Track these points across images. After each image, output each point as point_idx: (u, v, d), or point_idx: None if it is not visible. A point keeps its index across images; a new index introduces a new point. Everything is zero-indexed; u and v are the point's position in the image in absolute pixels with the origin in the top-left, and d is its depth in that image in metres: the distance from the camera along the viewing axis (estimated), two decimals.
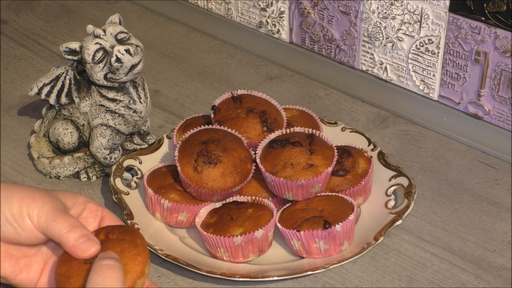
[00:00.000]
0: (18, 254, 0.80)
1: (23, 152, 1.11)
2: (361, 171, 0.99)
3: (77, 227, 0.75)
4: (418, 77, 1.14)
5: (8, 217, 0.77)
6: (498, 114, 1.08)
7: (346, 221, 0.90)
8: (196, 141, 0.96)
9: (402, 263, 0.93)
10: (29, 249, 0.81)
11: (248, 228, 0.91)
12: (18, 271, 0.79)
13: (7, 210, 0.76)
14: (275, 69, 1.27)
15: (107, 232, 0.75)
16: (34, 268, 0.80)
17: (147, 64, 1.03)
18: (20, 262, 0.79)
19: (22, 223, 0.76)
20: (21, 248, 0.80)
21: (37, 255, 0.81)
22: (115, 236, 0.75)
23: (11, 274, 0.79)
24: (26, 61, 1.30)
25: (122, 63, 0.98)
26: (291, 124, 1.03)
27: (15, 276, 0.79)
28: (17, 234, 0.77)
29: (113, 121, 1.02)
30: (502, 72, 1.05)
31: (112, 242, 0.74)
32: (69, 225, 0.75)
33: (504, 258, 0.94)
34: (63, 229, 0.74)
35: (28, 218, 0.76)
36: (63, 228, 0.74)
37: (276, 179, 0.93)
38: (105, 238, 0.75)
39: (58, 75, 1.03)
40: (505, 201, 1.02)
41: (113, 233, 0.75)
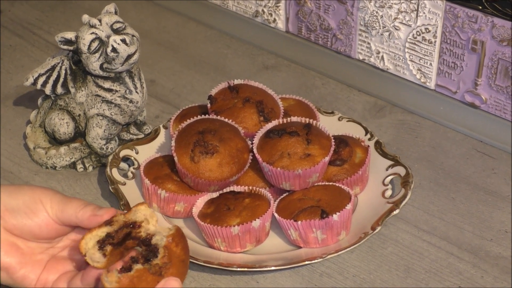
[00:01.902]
0: (25, 249, 0.81)
1: (19, 143, 1.10)
2: (358, 161, 0.98)
3: (89, 204, 0.80)
4: (415, 66, 1.13)
5: (20, 206, 0.79)
6: (495, 103, 1.07)
7: (343, 211, 0.90)
8: (193, 131, 0.96)
9: (399, 252, 0.93)
10: (36, 246, 0.81)
11: (245, 218, 0.91)
12: (23, 263, 0.80)
13: (20, 199, 0.79)
14: (271, 59, 1.27)
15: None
16: (38, 266, 0.81)
17: (143, 54, 1.03)
18: (26, 257, 0.80)
19: (35, 208, 0.79)
20: (28, 243, 0.81)
21: (43, 254, 0.82)
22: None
23: (17, 265, 0.80)
24: (21, 51, 1.29)
25: (118, 53, 0.98)
26: (288, 114, 1.02)
27: (19, 268, 0.80)
28: (29, 222, 0.79)
29: (109, 111, 1.02)
30: (499, 61, 1.04)
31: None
32: (82, 204, 0.80)
33: (501, 247, 0.94)
34: (78, 208, 0.79)
35: (41, 204, 0.79)
36: (78, 206, 0.79)
37: (273, 169, 0.93)
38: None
39: (53, 65, 1.03)
40: (502, 190, 1.02)
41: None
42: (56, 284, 0.81)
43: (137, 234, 0.78)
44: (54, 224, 0.80)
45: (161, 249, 0.76)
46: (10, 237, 0.80)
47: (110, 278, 0.74)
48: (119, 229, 0.77)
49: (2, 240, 0.80)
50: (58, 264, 0.82)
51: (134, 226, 0.77)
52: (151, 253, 0.76)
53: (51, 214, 0.79)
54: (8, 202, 0.80)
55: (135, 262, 0.76)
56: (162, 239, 0.76)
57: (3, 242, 0.80)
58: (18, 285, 0.82)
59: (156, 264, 0.75)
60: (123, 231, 0.77)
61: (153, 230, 0.77)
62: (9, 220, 0.80)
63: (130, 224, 0.78)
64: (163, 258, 0.75)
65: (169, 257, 0.76)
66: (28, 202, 0.79)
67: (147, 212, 0.78)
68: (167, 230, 0.77)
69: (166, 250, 0.76)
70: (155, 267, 0.75)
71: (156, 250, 0.76)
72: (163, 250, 0.76)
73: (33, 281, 0.81)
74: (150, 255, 0.76)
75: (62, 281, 0.81)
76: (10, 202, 0.79)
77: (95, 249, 0.76)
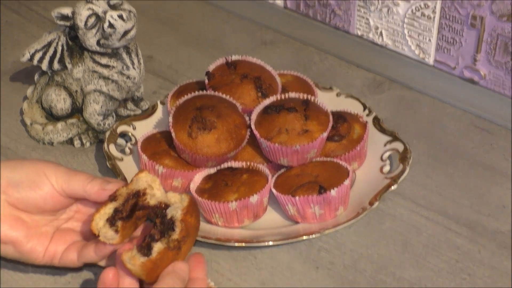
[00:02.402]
0: (30, 222, 0.81)
1: (16, 119, 1.10)
2: (356, 137, 0.98)
3: (96, 178, 0.81)
4: (413, 42, 1.13)
5: (23, 179, 0.80)
6: (494, 79, 1.07)
7: (341, 186, 0.90)
8: (191, 107, 0.95)
9: (397, 227, 0.94)
10: (41, 219, 0.82)
11: (243, 193, 0.91)
12: (30, 236, 0.80)
13: (23, 173, 0.80)
14: (269, 35, 1.26)
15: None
16: (44, 238, 0.82)
17: (140, 30, 1.02)
18: (31, 230, 0.81)
19: (39, 181, 0.80)
20: (33, 216, 0.81)
21: (48, 226, 0.82)
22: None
23: (23, 239, 0.81)
24: (17, 27, 1.29)
25: (115, 28, 0.97)
26: (286, 90, 1.02)
27: (27, 242, 0.81)
28: (33, 194, 0.79)
29: (107, 87, 1.02)
30: (498, 36, 1.04)
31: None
32: (89, 177, 0.81)
33: (499, 222, 0.94)
34: (85, 181, 0.80)
35: (45, 177, 0.80)
36: (85, 179, 0.80)
37: (271, 145, 0.93)
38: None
39: (50, 41, 1.03)
40: (500, 165, 1.02)
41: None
42: (66, 255, 0.82)
43: (144, 202, 0.78)
44: (59, 196, 0.81)
45: (178, 223, 0.76)
46: (14, 211, 0.81)
47: (133, 261, 0.75)
48: (125, 202, 0.78)
49: (7, 215, 0.80)
50: (65, 236, 0.83)
51: (139, 195, 0.78)
52: (168, 227, 0.76)
53: (56, 187, 0.80)
54: (11, 177, 0.80)
55: (153, 240, 0.76)
56: (177, 211, 0.77)
57: (8, 217, 0.80)
58: (26, 258, 0.82)
59: (176, 239, 0.76)
60: (129, 202, 0.78)
61: (160, 196, 0.78)
62: (12, 194, 0.80)
63: (135, 194, 0.78)
64: (181, 232, 0.76)
65: (186, 230, 0.77)
66: (31, 175, 0.80)
67: (148, 178, 0.79)
68: (178, 199, 0.77)
69: (183, 223, 0.76)
70: (174, 242, 0.76)
71: (173, 224, 0.76)
72: (181, 224, 0.76)
73: (41, 253, 0.82)
74: (167, 230, 0.76)
75: (72, 251, 0.82)
76: (13, 176, 0.80)
77: (107, 228, 0.77)
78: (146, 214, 0.79)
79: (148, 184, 0.79)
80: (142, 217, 0.79)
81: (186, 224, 0.77)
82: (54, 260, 0.83)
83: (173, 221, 0.76)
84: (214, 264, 0.89)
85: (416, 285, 0.87)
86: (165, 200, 0.78)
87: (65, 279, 0.88)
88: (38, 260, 0.82)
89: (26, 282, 0.87)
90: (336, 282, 0.87)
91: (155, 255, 0.76)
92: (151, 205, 0.78)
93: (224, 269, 0.89)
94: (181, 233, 0.76)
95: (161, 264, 0.76)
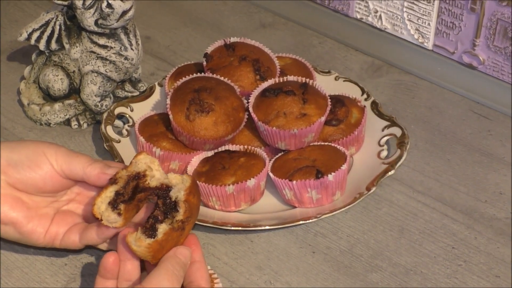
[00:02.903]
0: (30, 203, 0.81)
1: (13, 98, 1.09)
2: (354, 121, 0.98)
3: (97, 161, 0.81)
4: (413, 26, 1.12)
5: (23, 159, 0.80)
6: (493, 64, 1.07)
7: (339, 171, 0.90)
8: (188, 89, 0.95)
9: (393, 213, 0.94)
10: (41, 200, 0.82)
11: (240, 177, 0.91)
12: (30, 217, 0.80)
13: (23, 153, 0.80)
14: (268, 17, 1.26)
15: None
16: (45, 219, 0.82)
17: (138, 10, 1.01)
18: (31, 211, 0.81)
19: (38, 161, 0.80)
20: (33, 197, 0.81)
21: (49, 207, 0.82)
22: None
23: (24, 220, 0.81)
24: (15, 5, 1.28)
25: (113, 8, 0.97)
26: (284, 73, 1.02)
27: (27, 222, 0.81)
28: (33, 174, 0.79)
29: (104, 68, 1.01)
30: (498, 21, 1.03)
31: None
32: (90, 160, 0.81)
33: (495, 208, 0.94)
34: (86, 163, 0.80)
35: (45, 157, 0.80)
36: (86, 162, 0.80)
37: (268, 128, 0.93)
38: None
39: (48, 21, 1.02)
40: (497, 152, 1.01)
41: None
42: (68, 236, 0.82)
43: (145, 184, 0.78)
44: (58, 177, 0.81)
45: (182, 203, 0.77)
46: (14, 192, 0.81)
47: (139, 243, 0.75)
48: (126, 184, 0.78)
49: (7, 195, 0.80)
50: (66, 217, 0.83)
51: (139, 177, 0.78)
52: (172, 208, 0.77)
53: (56, 167, 0.80)
54: (10, 157, 0.80)
55: (157, 221, 0.76)
56: (181, 192, 0.77)
57: (8, 197, 0.80)
58: (27, 239, 0.82)
59: (180, 220, 0.76)
60: (130, 185, 0.78)
61: (160, 176, 0.78)
62: (12, 174, 0.80)
63: (135, 176, 0.78)
64: (185, 213, 0.77)
65: (190, 210, 0.77)
66: (31, 156, 0.80)
67: (147, 160, 0.79)
68: (180, 180, 0.77)
69: (187, 204, 0.77)
70: (178, 223, 0.76)
71: (176, 205, 0.77)
72: (184, 205, 0.77)
73: (42, 235, 0.82)
74: (170, 211, 0.77)
75: (73, 233, 0.82)
76: (13, 157, 0.80)
77: (109, 211, 0.77)
78: (147, 196, 0.79)
79: (148, 165, 0.79)
80: (143, 199, 0.79)
81: (189, 205, 0.77)
82: (55, 241, 0.83)
83: (176, 202, 0.77)
84: (211, 248, 0.89)
85: (412, 270, 0.87)
86: (166, 181, 0.78)
87: (61, 261, 0.88)
88: (39, 241, 0.82)
89: (22, 263, 0.87)
90: (332, 267, 0.87)
91: (160, 236, 0.76)
92: (152, 187, 0.78)
93: (221, 253, 0.89)
94: (185, 213, 0.77)
95: (166, 245, 0.77)
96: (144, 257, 0.77)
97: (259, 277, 0.87)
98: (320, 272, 0.87)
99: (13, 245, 0.89)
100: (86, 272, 0.86)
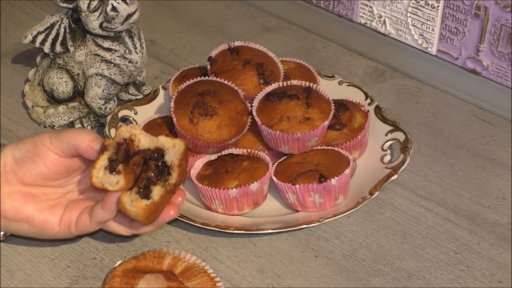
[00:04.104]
0: (41, 196, 0.84)
1: (17, 101, 1.10)
2: (357, 125, 0.98)
3: (87, 132, 0.82)
4: (417, 31, 1.12)
5: (24, 154, 0.82)
6: (497, 70, 1.07)
7: (342, 175, 0.90)
8: (192, 93, 0.95)
9: (396, 217, 0.94)
10: (52, 191, 0.84)
11: (243, 180, 0.91)
12: (41, 209, 0.82)
13: (23, 148, 0.82)
14: (272, 21, 1.26)
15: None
16: (57, 209, 0.84)
17: (143, 14, 1.02)
18: (42, 203, 0.83)
19: (38, 151, 0.82)
20: (43, 189, 0.83)
21: (61, 198, 0.84)
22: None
23: (35, 212, 0.83)
24: (20, 8, 1.28)
25: (118, 12, 0.97)
26: (288, 77, 1.02)
27: (38, 214, 0.83)
28: (36, 165, 0.82)
29: (109, 71, 1.02)
30: (502, 27, 1.04)
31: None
32: (78, 130, 0.82)
33: (498, 214, 0.94)
34: (73, 134, 0.81)
35: (42, 145, 0.82)
36: (72, 133, 0.81)
37: (272, 132, 0.93)
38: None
39: (52, 23, 1.02)
40: (500, 157, 1.01)
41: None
42: (80, 219, 0.83)
43: (135, 148, 0.79)
44: (59, 159, 0.83)
45: (176, 168, 0.79)
46: (23, 188, 0.83)
47: (136, 203, 0.78)
48: (117, 149, 0.79)
49: (17, 193, 0.82)
50: (78, 204, 0.85)
51: (127, 143, 0.79)
52: (166, 172, 0.79)
53: (53, 149, 0.82)
54: (14, 154, 0.83)
55: (151, 183, 0.79)
56: (176, 157, 0.79)
57: (17, 194, 0.83)
58: (42, 232, 0.84)
59: (173, 183, 0.79)
60: (122, 149, 0.79)
61: (148, 140, 0.80)
62: (18, 171, 0.82)
63: (123, 142, 0.79)
64: (178, 177, 0.79)
65: (182, 174, 0.80)
66: (31, 148, 0.82)
67: (128, 128, 0.82)
68: (171, 144, 0.80)
69: (180, 168, 0.79)
70: (171, 186, 0.79)
71: (169, 169, 0.79)
72: (178, 169, 0.79)
73: (55, 224, 0.83)
74: (163, 173, 0.79)
75: (84, 214, 0.84)
76: (16, 154, 0.82)
77: (108, 175, 0.79)
78: (141, 159, 0.80)
79: (131, 132, 0.81)
80: (138, 163, 0.80)
81: (181, 169, 0.80)
82: (71, 228, 0.84)
83: (170, 166, 0.79)
84: (213, 251, 0.89)
85: (415, 275, 0.87)
86: (158, 144, 0.80)
87: (64, 263, 0.88)
88: (54, 231, 0.84)
89: (25, 265, 0.87)
90: (335, 271, 0.87)
91: (157, 198, 0.78)
92: (145, 149, 0.80)
93: (223, 256, 0.89)
94: (178, 177, 0.79)
95: (160, 207, 0.79)
96: (136, 218, 0.78)
97: (261, 281, 0.87)
98: (322, 276, 0.87)
99: (16, 247, 0.89)
100: (89, 275, 0.87)
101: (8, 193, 0.82)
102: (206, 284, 0.82)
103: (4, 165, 0.82)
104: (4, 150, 0.83)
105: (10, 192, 0.82)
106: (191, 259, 0.85)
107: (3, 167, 0.82)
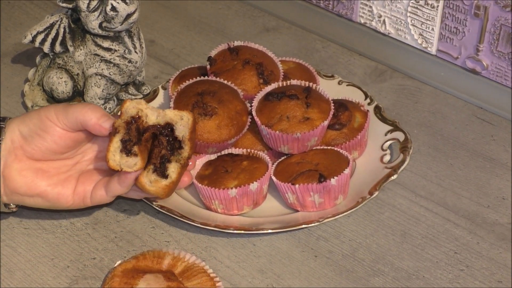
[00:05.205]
0: (52, 171, 0.86)
1: (17, 101, 1.10)
2: (357, 125, 0.98)
3: (95, 108, 0.83)
4: (416, 31, 1.12)
5: (32, 129, 0.83)
6: (496, 70, 1.07)
7: (341, 175, 0.90)
8: (192, 93, 0.95)
9: (396, 217, 0.94)
10: (62, 164, 0.85)
11: (243, 180, 0.91)
12: (54, 184, 0.84)
13: (30, 124, 0.83)
14: (272, 21, 1.26)
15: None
16: (69, 182, 0.85)
17: (142, 14, 1.02)
18: (53, 177, 0.85)
19: (44, 126, 0.83)
20: (53, 164, 0.85)
21: (71, 171, 0.85)
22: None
23: (48, 188, 0.84)
24: (20, 8, 1.28)
25: (118, 12, 0.97)
26: (288, 77, 1.02)
27: (52, 189, 0.84)
28: (44, 141, 0.83)
29: (108, 70, 1.02)
30: (502, 27, 1.04)
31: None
32: (85, 106, 0.83)
33: (498, 213, 0.94)
34: (81, 111, 0.82)
35: (48, 120, 0.82)
36: (80, 110, 0.82)
37: (271, 132, 0.93)
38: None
39: (52, 23, 1.02)
40: (500, 157, 1.01)
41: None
42: (95, 192, 0.85)
43: (144, 124, 0.80)
44: (66, 133, 0.84)
45: (187, 141, 0.81)
46: (33, 164, 0.84)
47: (156, 184, 0.81)
48: (128, 130, 0.80)
49: (28, 169, 0.84)
50: (91, 175, 0.86)
51: (136, 120, 0.80)
52: (178, 146, 0.81)
53: (59, 124, 0.83)
54: (22, 130, 0.84)
55: (166, 160, 0.81)
56: (186, 131, 0.81)
57: (29, 171, 0.84)
58: (56, 205, 0.86)
59: (186, 157, 0.81)
60: (133, 128, 0.80)
61: (155, 113, 0.81)
62: (27, 147, 0.84)
63: (131, 121, 0.80)
64: (190, 150, 0.82)
65: (193, 146, 0.82)
66: (37, 123, 0.83)
67: (134, 103, 0.82)
68: (179, 117, 0.81)
69: (191, 141, 0.82)
70: (185, 159, 0.81)
71: (180, 142, 0.81)
72: (189, 143, 0.81)
73: (69, 196, 0.85)
74: (175, 147, 0.81)
75: (99, 188, 0.85)
76: (23, 130, 0.83)
77: (125, 157, 0.80)
78: (152, 134, 0.82)
79: (137, 108, 0.81)
80: (149, 138, 0.82)
81: (192, 142, 0.82)
82: (85, 200, 0.85)
83: (181, 140, 0.81)
84: (213, 251, 0.89)
85: (414, 275, 0.87)
86: (166, 118, 0.82)
87: (64, 263, 0.88)
88: (68, 203, 0.85)
89: (24, 264, 0.87)
90: (335, 271, 0.87)
91: (174, 176, 0.81)
92: (154, 124, 0.81)
93: (223, 256, 0.89)
94: (190, 150, 0.82)
95: (177, 181, 0.82)
96: (156, 195, 0.82)
97: (261, 281, 0.87)
98: (322, 276, 0.87)
99: (16, 247, 0.89)
100: (88, 275, 0.87)
101: (19, 170, 0.83)
102: (205, 284, 0.83)
103: (12, 142, 0.83)
104: (11, 126, 0.84)
105: (20, 168, 0.84)
106: (190, 259, 0.85)
107: (11, 143, 0.83)
